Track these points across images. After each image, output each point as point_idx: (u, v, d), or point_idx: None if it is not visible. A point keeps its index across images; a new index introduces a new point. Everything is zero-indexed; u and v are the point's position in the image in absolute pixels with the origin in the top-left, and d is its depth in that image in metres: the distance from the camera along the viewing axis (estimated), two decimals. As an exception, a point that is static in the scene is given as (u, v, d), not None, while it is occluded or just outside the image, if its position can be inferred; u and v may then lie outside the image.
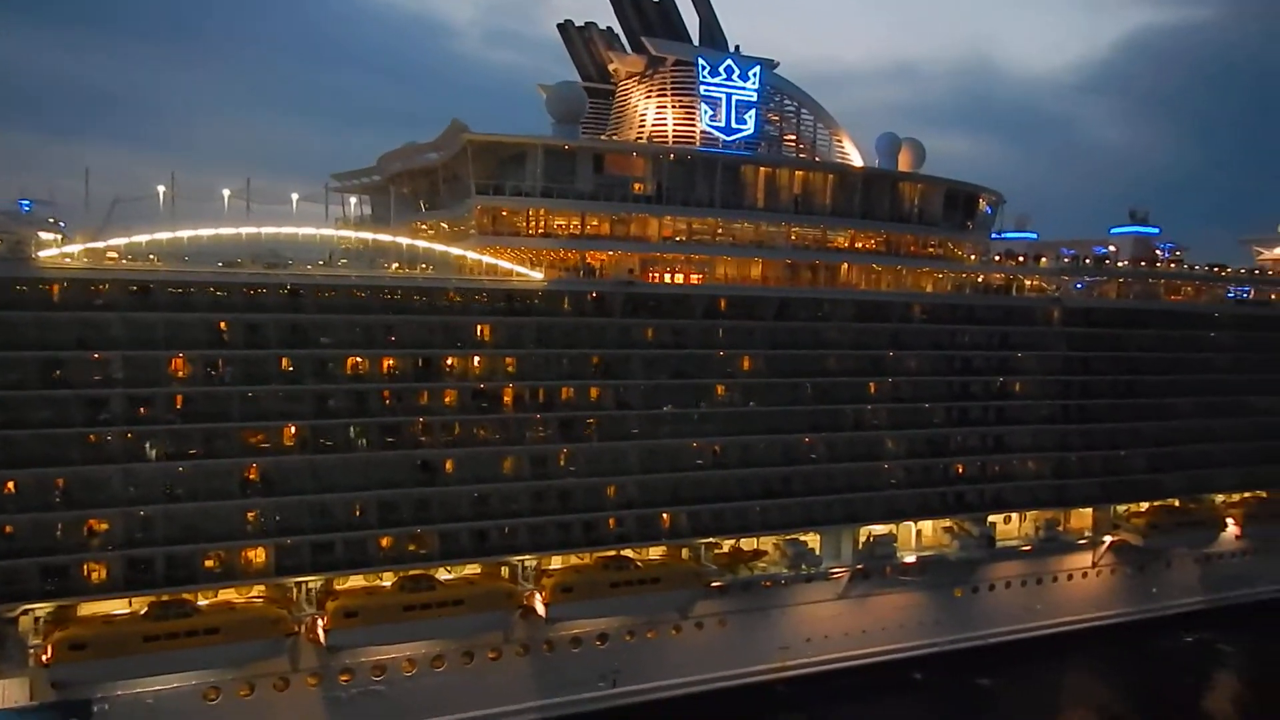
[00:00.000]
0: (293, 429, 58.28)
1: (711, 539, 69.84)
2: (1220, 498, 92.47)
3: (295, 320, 58.29)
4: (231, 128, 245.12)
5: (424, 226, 74.25)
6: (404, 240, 61.97)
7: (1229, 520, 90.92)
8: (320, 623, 57.64)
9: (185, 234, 55.21)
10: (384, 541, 60.45)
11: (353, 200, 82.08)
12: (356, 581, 60.96)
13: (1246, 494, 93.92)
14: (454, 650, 62.11)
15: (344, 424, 59.34)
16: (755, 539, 72.10)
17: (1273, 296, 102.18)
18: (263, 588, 58.89)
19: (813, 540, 73.26)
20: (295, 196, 67.25)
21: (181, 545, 55.16)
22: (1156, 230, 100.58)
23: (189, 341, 55.66)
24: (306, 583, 59.00)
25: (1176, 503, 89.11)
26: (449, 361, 62.62)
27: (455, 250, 62.52)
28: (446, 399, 62.40)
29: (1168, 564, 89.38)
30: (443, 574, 62.93)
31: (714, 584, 68.29)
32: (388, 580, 61.41)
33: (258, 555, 57.61)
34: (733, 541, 71.38)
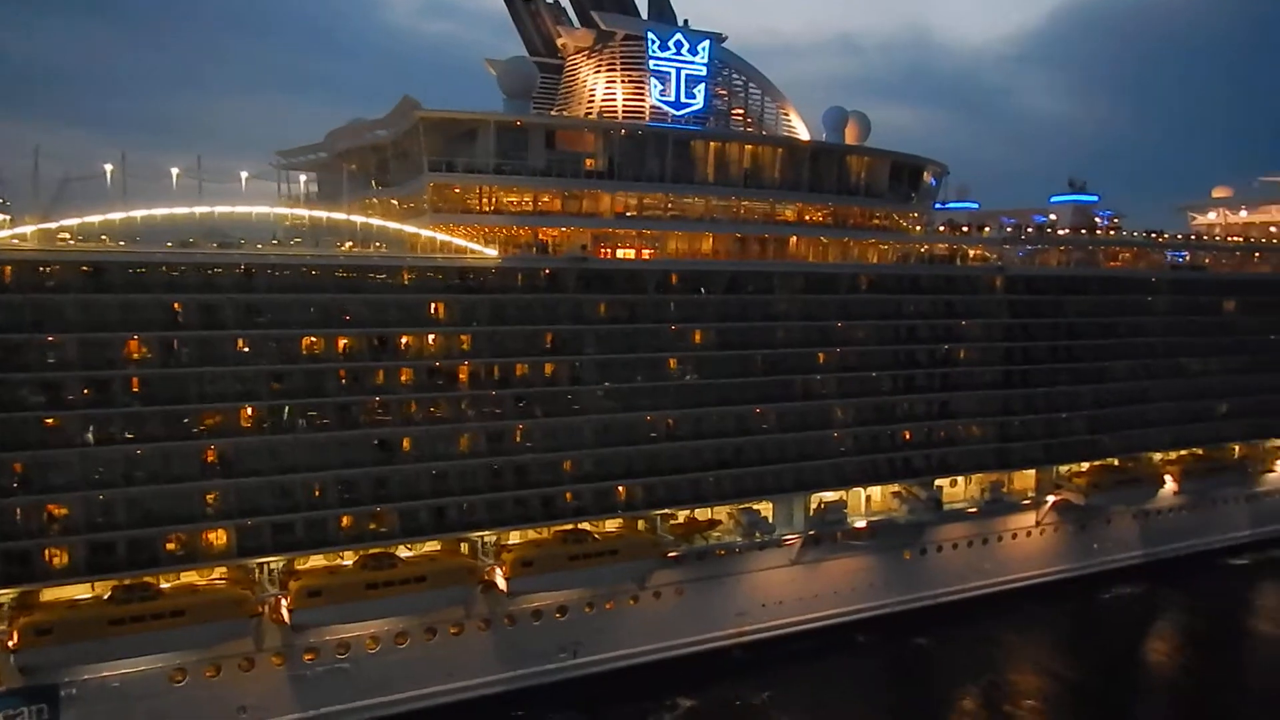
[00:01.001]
0: (250, 410, 58.39)
1: (667, 510, 71.13)
2: (1157, 456, 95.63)
3: (250, 300, 58.11)
4: (173, 104, 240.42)
5: (374, 204, 74.11)
6: (357, 218, 61.91)
7: (1166, 477, 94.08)
8: (284, 602, 58.04)
9: (138, 214, 54.72)
10: (344, 521, 60.81)
11: (302, 178, 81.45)
12: (318, 561, 61.36)
13: (1182, 451, 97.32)
14: (416, 626, 62.85)
15: (300, 404, 59.37)
16: (710, 509, 73.37)
17: (1206, 261, 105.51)
18: (225, 569, 59.03)
19: (765, 508, 74.79)
20: (245, 175, 66.87)
21: (143, 528, 55.10)
22: (1095, 198, 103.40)
23: (144, 323, 55.41)
24: (269, 563, 59.34)
25: (1115, 462, 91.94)
26: (404, 340, 62.81)
27: (409, 228, 62.67)
28: (402, 377, 62.64)
29: (1108, 521, 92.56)
30: (403, 551, 63.46)
31: (670, 554, 69.63)
32: (349, 559, 61.88)
33: (219, 537, 57.75)
34: (688, 512, 72.59)
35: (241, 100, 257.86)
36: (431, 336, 63.44)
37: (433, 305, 63.35)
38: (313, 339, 60.25)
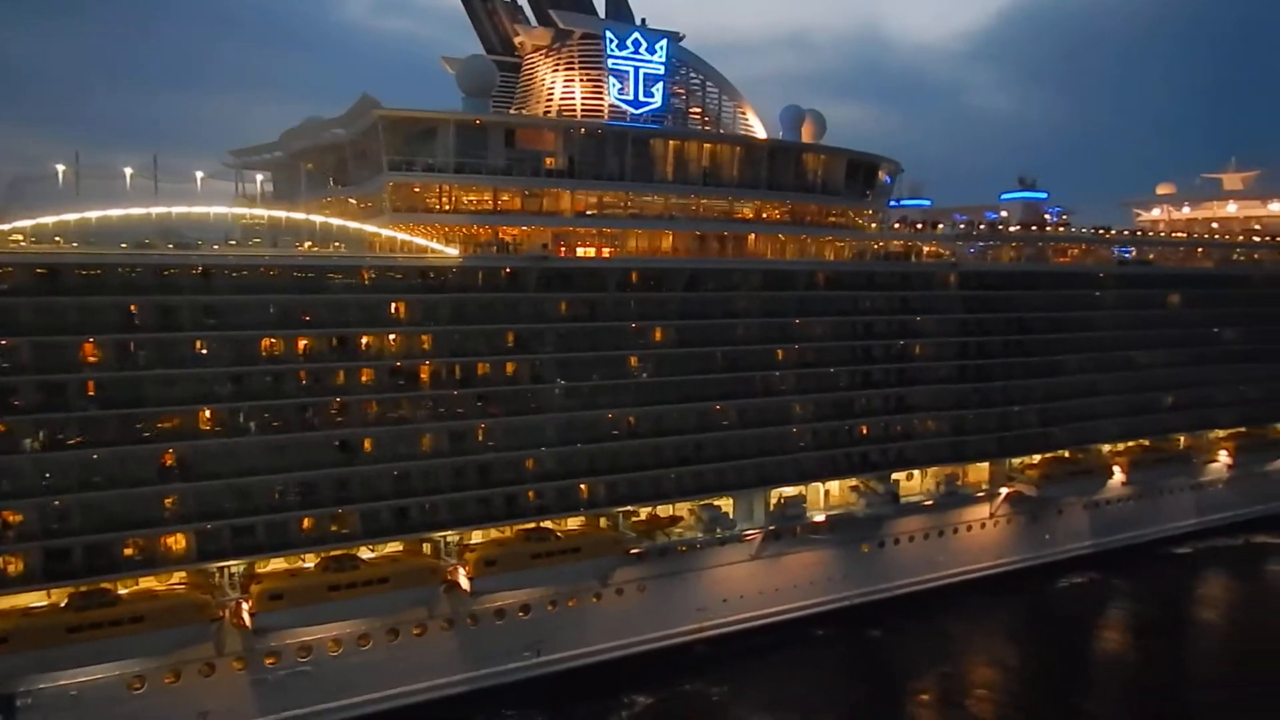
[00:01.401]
0: (208, 412, 57.79)
1: (629, 507, 71.54)
2: (1106, 447, 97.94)
3: (209, 301, 57.53)
4: (123, 102, 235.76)
5: (332, 203, 73.59)
6: (316, 218, 61.43)
7: (1115, 468, 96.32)
8: (245, 606, 57.51)
9: (93, 215, 53.89)
10: (305, 523, 60.47)
11: (259, 177, 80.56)
12: (279, 564, 60.94)
13: (1130, 443, 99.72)
14: (379, 628, 62.61)
15: (261, 405, 59.00)
16: (671, 505, 73.99)
17: (1151, 256, 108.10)
18: (185, 574, 58.41)
19: (726, 504, 75.49)
20: (200, 175, 66.10)
21: (100, 534, 54.30)
22: (1044, 195, 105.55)
23: (100, 325, 54.59)
24: (229, 567, 58.75)
25: (1066, 454, 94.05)
26: (365, 340, 62.55)
27: (369, 228, 62.40)
28: (363, 378, 62.33)
29: (1059, 512, 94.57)
30: (366, 553, 63.20)
31: (633, 551, 70.01)
32: (311, 561, 61.55)
33: (178, 541, 57.11)
34: (650, 509, 73.16)
35: (192, 98, 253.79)
36: (392, 336, 63.18)
37: (393, 305, 63.13)
38: (272, 340, 59.72)
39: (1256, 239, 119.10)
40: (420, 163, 66.05)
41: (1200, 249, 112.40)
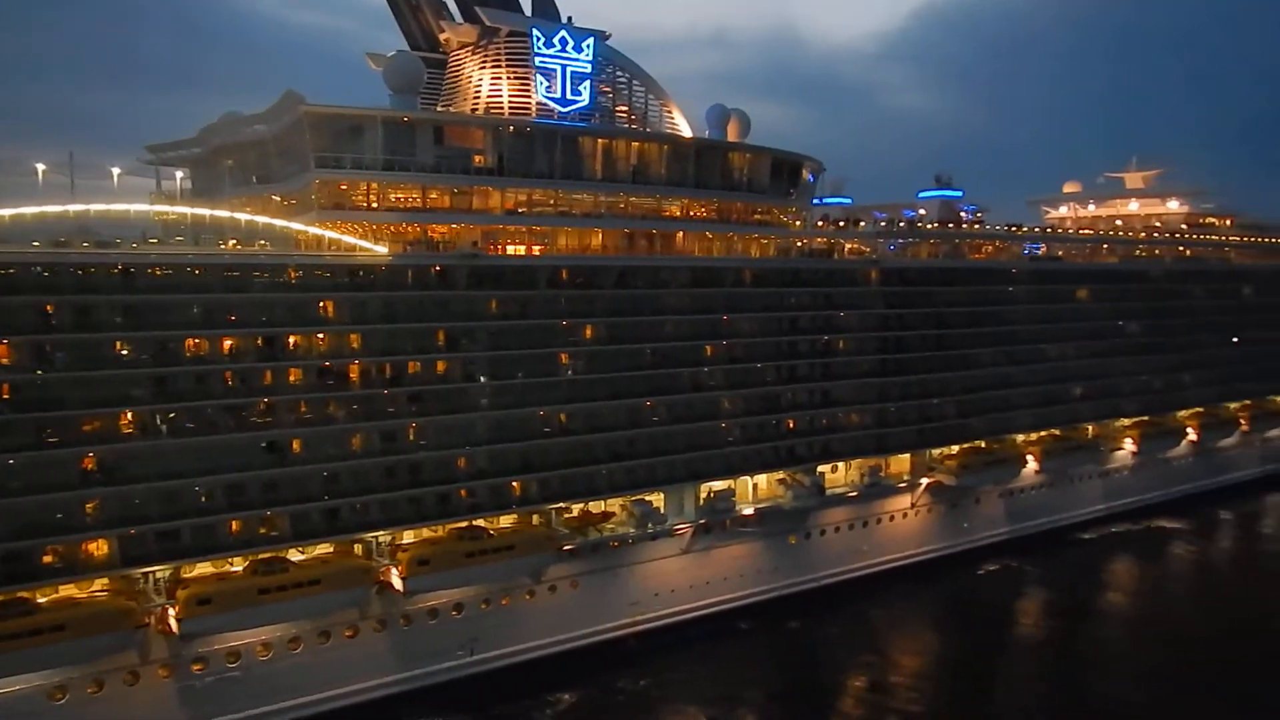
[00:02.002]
0: (130, 414, 56.38)
1: (562, 504, 71.89)
2: (1020, 437, 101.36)
3: (129, 301, 56.15)
4: (24, 96, 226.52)
5: (253, 200, 72.27)
6: (242, 216, 60.43)
7: (1028, 457, 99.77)
8: (171, 612, 56.35)
9: (5, 213, 52.23)
10: (233, 525, 59.47)
11: (179, 174, 78.60)
12: (206, 568, 59.83)
13: (1042, 432, 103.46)
14: (310, 631, 61.89)
15: (185, 407, 57.79)
16: (603, 501, 74.45)
17: (1060, 253, 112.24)
18: (107, 580, 56.99)
19: (657, 499, 76.29)
20: (117, 171, 64.40)
21: (18, 541, 52.65)
22: (959, 193, 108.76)
23: (15, 327, 52.88)
24: (154, 572, 57.49)
25: (983, 444, 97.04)
26: (293, 340, 61.64)
27: (296, 225, 61.61)
28: (291, 378, 61.40)
29: (977, 500, 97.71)
30: (295, 555, 62.45)
31: (566, 548, 70.42)
32: (239, 565, 60.58)
33: (100, 547, 55.67)
34: (582, 505, 73.56)
35: (100, 92, 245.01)
36: (320, 335, 62.48)
37: (321, 304, 62.36)
38: (196, 340, 58.60)
39: (1157, 236, 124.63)
40: (348, 160, 65.28)
41: (1105, 246, 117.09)
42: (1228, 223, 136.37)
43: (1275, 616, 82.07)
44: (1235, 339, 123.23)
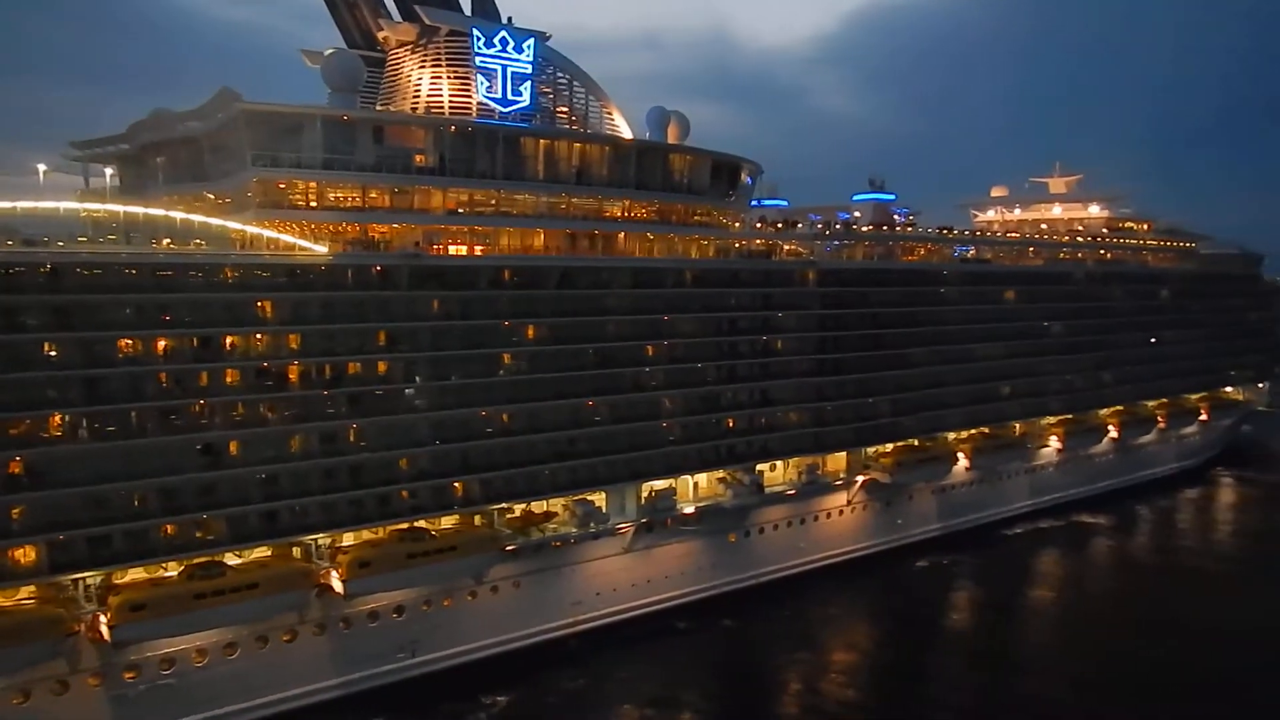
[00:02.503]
0: (59, 417, 54.95)
1: (504, 504, 71.77)
2: (951, 435, 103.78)
3: (58, 301, 54.67)
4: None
5: (186, 199, 70.83)
6: (177, 214, 59.25)
7: (959, 455, 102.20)
8: (103, 619, 55.09)
9: (-73, 212, 50.58)
10: (168, 529, 58.25)
11: (108, 171, 76.58)
12: (139, 574, 58.54)
13: (972, 430, 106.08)
14: (247, 636, 60.93)
15: (117, 409, 56.44)
16: (545, 501, 74.49)
17: (988, 255, 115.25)
18: (35, 587, 55.35)
19: (599, 498, 76.65)
20: (43, 168, 62.62)
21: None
22: (893, 196, 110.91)
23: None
24: (84, 579, 56.15)
25: (916, 442, 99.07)
26: (230, 340, 60.67)
27: (233, 224, 60.61)
28: (228, 379, 60.43)
29: (910, 498, 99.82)
30: (232, 559, 61.46)
31: (508, 548, 70.36)
32: (173, 570, 59.35)
33: (27, 554, 54.03)
34: (524, 505, 73.49)
35: (18, 85, 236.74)
36: (259, 336, 61.56)
37: (260, 303, 61.43)
38: (129, 341, 57.32)
39: (1079, 239, 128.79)
40: (286, 158, 64.37)
41: (1031, 249, 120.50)
42: (1145, 227, 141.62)
43: (1187, 610, 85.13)
44: (1153, 339, 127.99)
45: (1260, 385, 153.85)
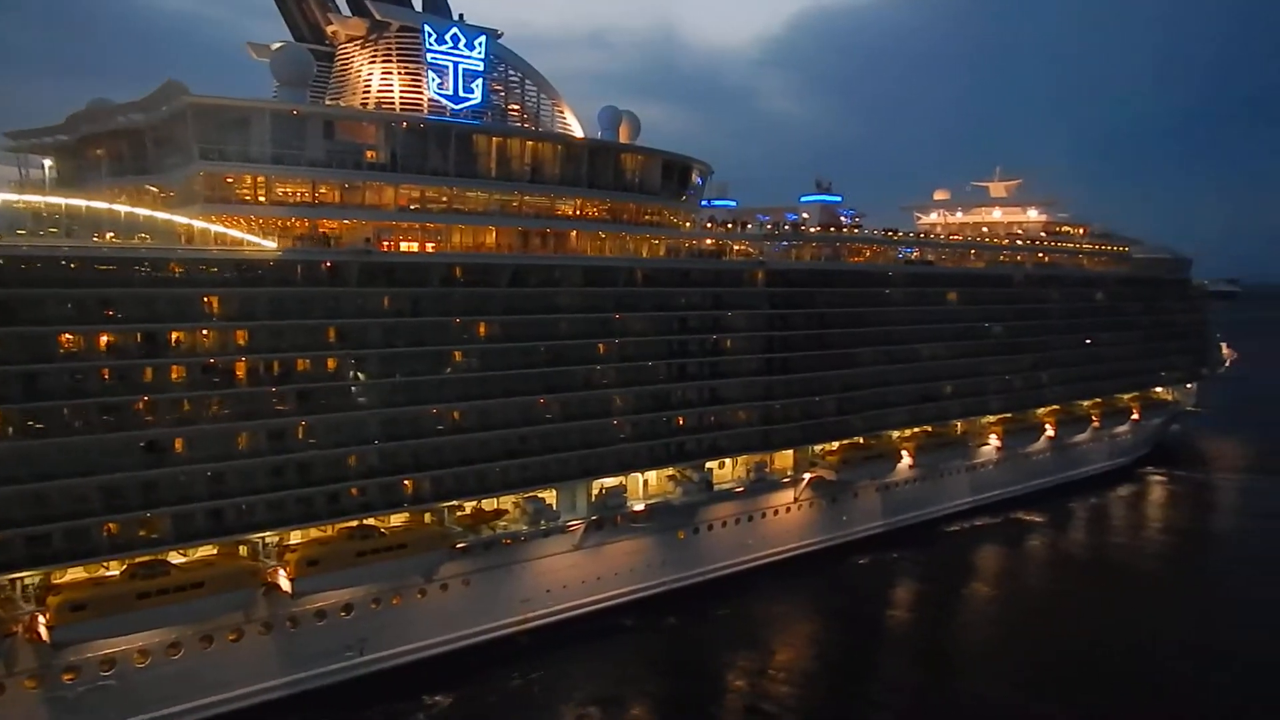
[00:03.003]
0: (-3, 415, 53.61)
1: (454, 502, 71.63)
2: (895, 433, 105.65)
3: (-2, 295, 53.33)
4: None
5: (129, 192, 69.38)
6: (121, 208, 58.11)
7: (903, 453, 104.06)
8: (42, 620, 53.91)
9: None
10: (110, 528, 57.11)
11: (47, 162, 74.66)
12: (79, 573, 57.39)
13: (916, 429, 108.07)
14: (191, 635, 59.98)
15: (57, 406, 55.23)
16: (496, 499, 74.43)
17: (930, 257, 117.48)
18: (-32, 589, 54.07)
19: (550, 496, 76.83)
20: (-24, 160, 61.00)
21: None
22: (839, 198, 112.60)
23: None
24: (22, 578, 54.91)
25: (861, 440, 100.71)
26: (175, 336, 59.69)
27: (180, 218, 59.64)
28: (174, 375, 59.40)
29: (855, 495, 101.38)
30: (177, 557, 60.46)
31: (458, 546, 70.23)
32: (115, 569, 58.27)
33: (-39, 554, 52.77)
34: (475, 503, 73.31)
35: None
36: (205, 332, 60.69)
37: (206, 299, 60.58)
38: (71, 336, 56.05)
39: (1019, 242, 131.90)
40: (234, 152, 63.43)
41: (972, 251, 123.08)
42: (1081, 231, 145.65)
43: (1117, 605, 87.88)
44: (1088, 340, 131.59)
45: (1188, 386, 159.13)
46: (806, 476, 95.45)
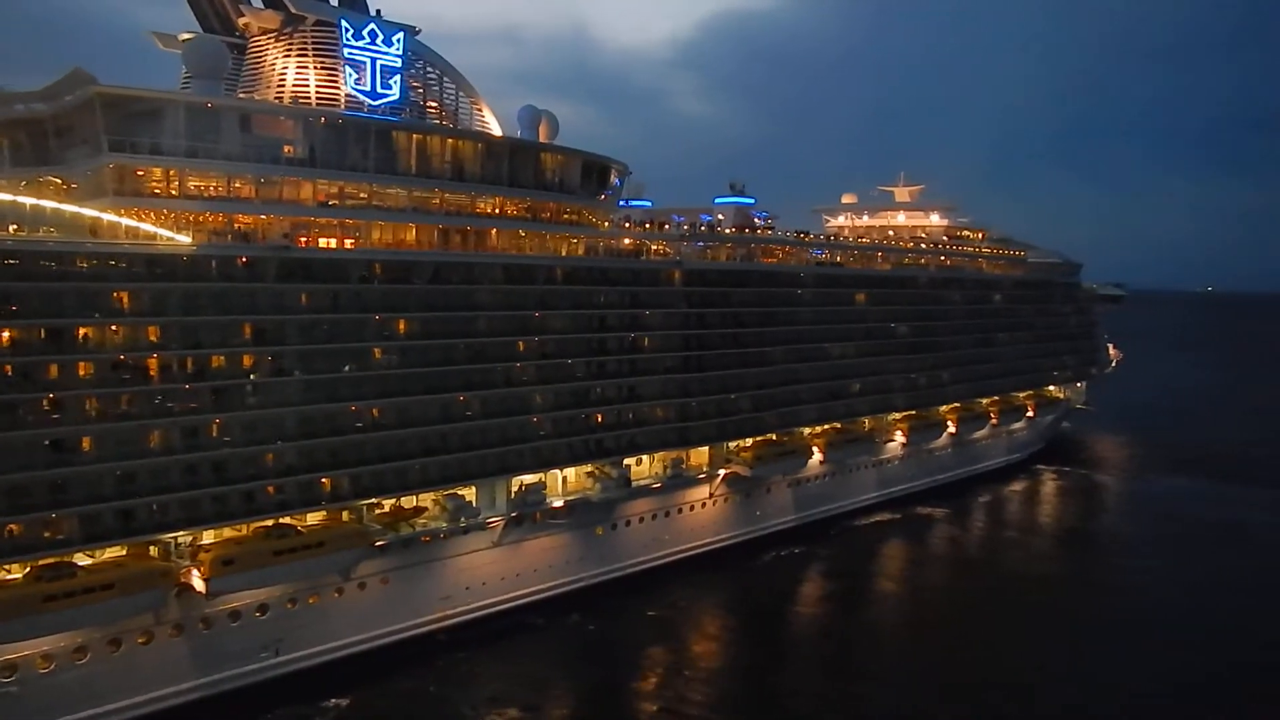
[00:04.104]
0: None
1: (373, 499, 71.24)
2: (806, 430, 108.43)
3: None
4: None
5: (29, 183, 67.09)
6: (26, 200, 56.32)
7: (814, 449, 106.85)
8: (-61, 626, 52.07)
9: None
10: (13, 529, 55.26)
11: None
12: (-24, 577, 55.54)
13: (826, 425, 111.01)
14: (98, 639, 58.39)
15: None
16: (416, 496, 74.26)
17: (837, 258, 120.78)
18: None
19: (470, 493, 76.98)
20: None
21: None
22: (752, 200, 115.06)
23: None
24: (-85, 583, 52.96)
25: (774, 437, 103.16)
26: (83, 332, 58.20)
27: (89, 211, 58.10)
28: (81, 372, 57.96)
29: (768, 490, 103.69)
30: (84, 559, 58.88)
31: (378, 543, 69.84)
32: (17, 572, 56.43)
33: None
34: (394, 500, 73.06)
35: None
36: (114, 328, 59.24)
37: (116, 294, 59.14)
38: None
39: (923, 245, 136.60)
40: (146, 144, 61.99)
41: (880, 254, 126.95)
42: (980, 235, 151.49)
43: (1011, 596, 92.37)
44: (986, 341, 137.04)
45: (1078, 385, 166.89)
46: (722, 472, 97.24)
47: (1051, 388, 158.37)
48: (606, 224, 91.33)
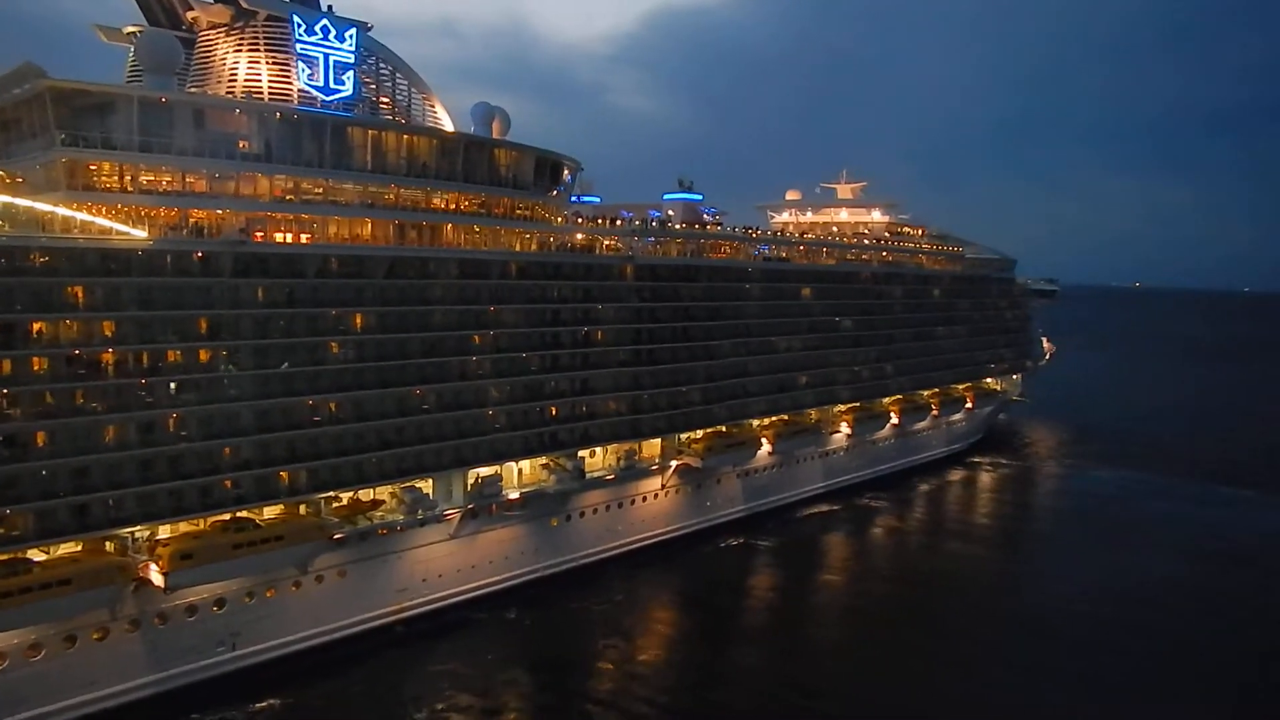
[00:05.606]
0: None
1: (331, 493, 71.52)
2: (755, 422, 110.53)
3: None
4: None
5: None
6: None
7: (762, 440, 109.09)
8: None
9: None
10: (-34, 526, 55.02)
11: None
12: (-71, 575, 54.97)
13: (773, 417, 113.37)
14: (53, 636, 58.12)
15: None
16: (373, 489, 74.76)
17: (783, 254, 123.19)
18: None
19: (426, 486, 77.58)
20: None
21: None
22: (700, 196, 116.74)
23: None
24: None
25: (724, 428, 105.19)
26: (36, 327, 57.82)
27: (42, 205, 57.71)
28: (35, 367, 57.61)
29: (718, 481, 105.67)
30: (39, 555, 58.54)
31: (335, 536, 70.20)
32: (-31, 570, 56.11)
33: None
34: (351, 493, 73.45)
35: None
36: (69, 322, 58.95)
37: (70, 289, 58.84)
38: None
39: (865, 241, 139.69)
40: (99, 139, 61.64)
41: (825, 249, 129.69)
42: (920, 232, 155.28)
43: (952, 581, 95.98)
44: (926, 335, 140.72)
45: (1014, 377, 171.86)
46: (673, 464, 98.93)
47: (989, 380, 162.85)
48: (560, 220, 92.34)
